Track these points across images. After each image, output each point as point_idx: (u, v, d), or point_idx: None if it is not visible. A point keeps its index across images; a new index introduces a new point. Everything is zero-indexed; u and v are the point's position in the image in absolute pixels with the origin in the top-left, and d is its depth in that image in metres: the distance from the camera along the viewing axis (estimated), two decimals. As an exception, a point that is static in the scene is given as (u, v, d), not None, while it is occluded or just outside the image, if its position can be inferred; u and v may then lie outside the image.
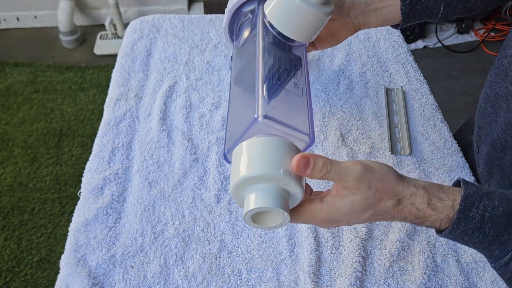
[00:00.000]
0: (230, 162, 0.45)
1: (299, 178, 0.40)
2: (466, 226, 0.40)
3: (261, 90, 0.43)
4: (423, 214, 0.41)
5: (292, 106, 0.45)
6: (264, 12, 0.51)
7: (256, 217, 0.41)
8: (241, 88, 0.52)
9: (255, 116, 0.41)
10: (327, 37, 0.61)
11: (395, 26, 0.63)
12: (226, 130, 0.48)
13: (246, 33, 0.55)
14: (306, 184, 0.46)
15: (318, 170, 0.39)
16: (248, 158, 0.40)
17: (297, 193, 0.41)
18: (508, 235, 0.40)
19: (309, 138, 0.43)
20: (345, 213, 0.41)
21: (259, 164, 0.39)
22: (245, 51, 0.55)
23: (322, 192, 0.47)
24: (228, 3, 0.57)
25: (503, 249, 0.40)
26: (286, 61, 0.49)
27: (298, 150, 0.42)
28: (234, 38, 0.59)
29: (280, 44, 0.51)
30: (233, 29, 0.58)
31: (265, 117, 0.41)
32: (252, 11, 0.55)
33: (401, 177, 0.42)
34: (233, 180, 0.41)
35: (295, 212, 0.43)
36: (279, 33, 0.51)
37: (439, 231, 0.43)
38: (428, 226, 0.43)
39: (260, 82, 0.44)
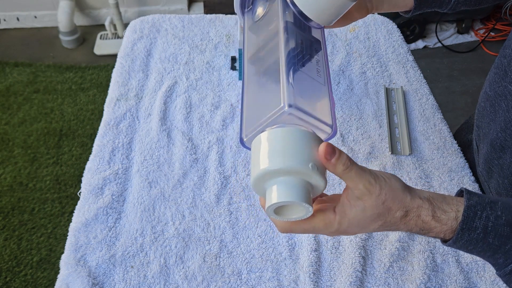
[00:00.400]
0: (246, 147, 0.43)
1: (324, 171, 0.40)
2: (469, 236, 0.41)
3: (286, 77, 0.41)
4: (428, 226, 0.42)
5: (315, 94, 0.43)
6: None
7: (278, 209, 0.41)
8: (259, 68, 0.49)
9: (282, 105, 0.39)
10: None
11: (404, 13, 0.63)
12: (242, 113, 0.45)
13: (261, 8, 0.52)
14: None
15: (342, 161, 0.39)
16: (275, 149, 0.38)
17: (320, 186, 0.40)
18: None
19: (331, 130, 0.42)
20: (357, 223, 0.42)
21: (288, 157, 0.38)
22: (262, 28, 0.51)
23: (330, 195, 0.47)
24: None
25: (508, 257, 0.41)
26: (307, 44, 0.46)
27: (322, 142, 0.41)
28: (246, 10, 0.56)
29: (301, 24, 0.48)
30: (245, 0, 0.56)
31: (292, 106, 0.39)
32: None
33: (408, 188, 0.42)
34: (255, 171, 0.39)
35: (308, 222, 0.42)
36: (299, 12, 0.48)
37: (444, 241, 0.44)
38: (432, 237, 0.43)
39: (284, 68, 0.42)
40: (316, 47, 0.47)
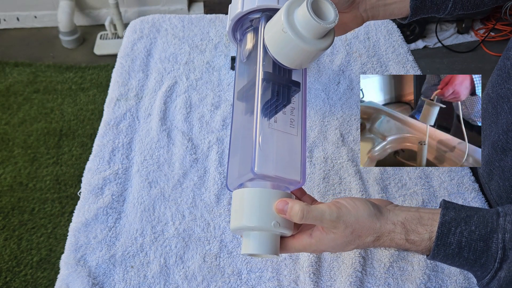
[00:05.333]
0: (231, 191, 0.50)
1: (288, 223, 0.46)
2: (445, 251, 0.43)
3: (257, 139, 0.46)
4: (403, 247, 0.45)
5: (286, 148, 0.48)
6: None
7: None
8: (243, 108, 0.52)
9: (250, 170, 0.44)
10: (335, 28, 0.61)
11: (401, 19, 0.63)
12: (228, 157, 0.51)
13: (249, 44, 0.54)
14: (308, 195, 0.52)
15: (295, 213, 0.44)
16: (246, 207, 0.46)
17: (287, 234, 0.47)
18: (486, 258, 0.42)
19: (299, 183, 0.47)
20: (332, 246, 0.46)
21: (255, 216, 0.45)
22: (247, 70, 0.54)
23: (321, 202, 0.50)
24: (231, 8, 0.56)
25: (484, 270, 0.43)
26: (284, 92, 0.49)
27: (289, 196, 0.47)
28: (238, 38, 0.58)
29: (280, 67, 0.51)
30: (237, 31, 0.58)
31: (260, 173, 0.45)
32: (254, 21, 0.54)
33: (379, 213, 0.45)
34: (233, 223, 0.47)
35: (289, 245, 0.48)
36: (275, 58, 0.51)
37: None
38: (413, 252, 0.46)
39: (258, 126, 0.46)
40: (294, 89, 0.50)
